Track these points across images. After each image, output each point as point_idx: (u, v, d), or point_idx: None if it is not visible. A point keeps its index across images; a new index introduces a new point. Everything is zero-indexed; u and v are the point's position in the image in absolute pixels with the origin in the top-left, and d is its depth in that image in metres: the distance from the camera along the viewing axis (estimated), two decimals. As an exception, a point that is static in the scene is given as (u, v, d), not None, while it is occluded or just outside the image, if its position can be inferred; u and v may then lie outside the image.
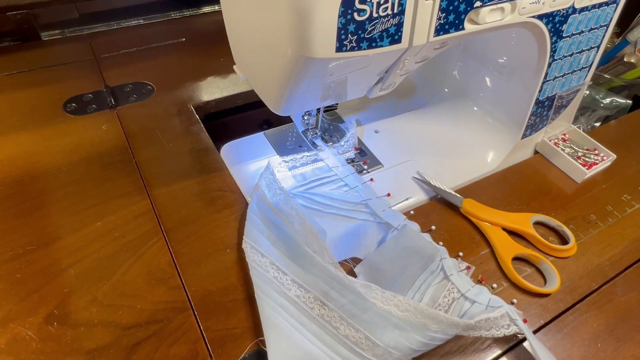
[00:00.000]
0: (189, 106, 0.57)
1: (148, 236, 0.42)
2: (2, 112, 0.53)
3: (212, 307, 0.37)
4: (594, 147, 0.56)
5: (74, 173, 0.47)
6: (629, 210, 0.50)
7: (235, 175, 0.49)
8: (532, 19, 0.39)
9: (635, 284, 0.43)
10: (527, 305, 0.40)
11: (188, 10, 0.77)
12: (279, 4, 0.29)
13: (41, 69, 0.60)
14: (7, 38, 0.66)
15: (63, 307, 0.36)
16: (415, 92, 0.62)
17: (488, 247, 0.45)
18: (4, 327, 0.35)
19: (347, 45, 0.30)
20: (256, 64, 0.39)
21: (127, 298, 0.37)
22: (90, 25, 0.71)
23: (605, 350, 0.38)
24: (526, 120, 0.50)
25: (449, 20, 0.34)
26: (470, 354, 0.37)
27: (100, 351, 0.34)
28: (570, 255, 0.44)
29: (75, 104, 0.55)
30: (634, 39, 0.67)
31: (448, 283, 0.39)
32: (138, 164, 0.49)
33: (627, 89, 0.66)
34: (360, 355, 0.34)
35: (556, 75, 0.48)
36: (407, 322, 0.34)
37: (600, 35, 0.48)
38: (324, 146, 0.52)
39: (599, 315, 0.40)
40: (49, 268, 0.39)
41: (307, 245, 0.37)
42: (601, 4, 0.44)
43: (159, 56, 0.65)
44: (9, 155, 0.48)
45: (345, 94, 0.42)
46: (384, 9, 0.30)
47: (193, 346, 0.35)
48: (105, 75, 0.60)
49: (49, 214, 0.43)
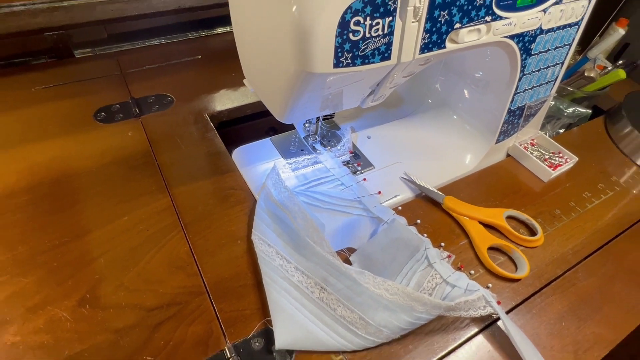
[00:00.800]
0: (205, 115, 0.56)
1: (169, 229, 0.42)
2: (40, 121, 0.53)
3: (225, 291, 0.37)
4: (559, 150, 0.56)
5: (103, 174, 0.47)
6: (589, 206, 0.50)
7: (245, 175, 0.48)
8: (505, 39, 0.39)
9: (595, 270, 0.43)
10: (500, 289, 0.40)
11: (203, 31, 0.76)
12: (283, 26, 0.29)
13: (74, 83, 0.60)
14: (44, 55, 0.66)
15: (94, 292, 0.36)
16: (403, 103, 0.62)
17: (466, 239, 0.44)
18: (42, 309, 0.35)
19: (343, 62, 0.30)
20: (263, 78, 0.38)
21: (150, 283, 0.37)
22: (118, 44, 0.70)
23: (569, 328, 0.38)
24: (499, 127, 0.50)
25: (432, 40, 0.34)
26: (451, 332, 0.37)
27: (127, 330, 0.34)
28: (538, 245, 0.44)
29: (105, 113, 0.55)
30: (593, 57, 0.67)
31: (432, 270, 0.39)
32: (160, 166, 0.48)
33: (587, 100, 0.66)
34: (355, 333, 0.34)
35: (526, 88, 0.48)
36: (396, 304, 0.34)
37: (564, 53, 0.48)
38: (322, 150, 0.52)
39: (563, 297, 0.40)
40: (81, 257, 0.39)
41: (308, 237, 0.37)
42: (565, 26, 0.44)
43: (178, 71, 0.65)
44: (47, 159, 0.48)
45: (341, 105, 0.42)
46: (375, 30, 0.30)
47: (208, 325, 0.35)
48: (130, 88, 0.60)
49: (81, 210, 0.43)
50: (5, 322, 0.34)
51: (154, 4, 0.65)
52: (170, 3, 0.66)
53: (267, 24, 0.32)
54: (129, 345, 0.33)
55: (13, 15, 0.57)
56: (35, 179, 0.45)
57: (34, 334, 0.33)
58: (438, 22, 0.33)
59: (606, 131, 0.63)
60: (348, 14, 0.28)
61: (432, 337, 0.36)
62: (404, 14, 0.30)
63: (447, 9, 0.32)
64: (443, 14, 0.32)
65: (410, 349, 0.35)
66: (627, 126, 0.59)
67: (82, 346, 0.33)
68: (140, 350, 0.33)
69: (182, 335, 0.34)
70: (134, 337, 0.34)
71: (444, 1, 0.32)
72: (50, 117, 0.54)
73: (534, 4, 0.39)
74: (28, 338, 0.33)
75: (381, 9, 0.29)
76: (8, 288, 0.36)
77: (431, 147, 0.55)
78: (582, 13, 0.44)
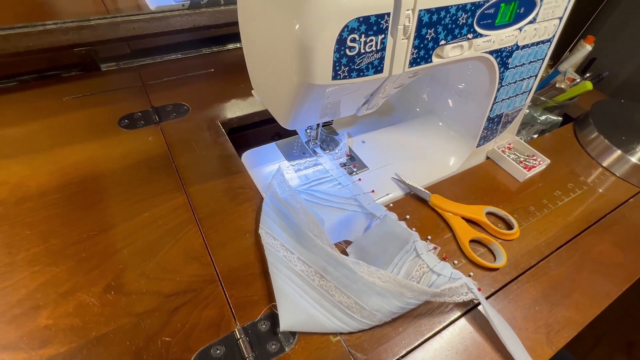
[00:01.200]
0: (217, 122, 0.56)
1: (185, 224, 0.42)
2: (70, 127, 0.53)
3: (235, 279, 0.37)
4: (533, 154, 0.56)
5: (126, 175, 0.47)
6: (560, 203, 0.50)
7: (253, 176, 0.48)
8: (485, 54, 0.39)
9: (565, 260, 0.43)
10: (481, 277, 0.40)
11: (216, 47, 0.76)
12: (287, 42, 0.29)
13: (100, 93, 0.60)
14: (74, 69, 0.66)
15: (118, 280, 0.36)
16: (394, 111, 0.62)
17: (450, 232, 0.45)
18: (72, 295, 0.35)
19: (340, 75, 0.30)
20: (269, 89, 0.39)
21: (168, 272, 0.37)
22: (139, 59, 0.70)
23: (542, 312, 0.38)
24: (480, 133, 0.50)
25: (420, 55, 0.34)
26: (437, 316, 0.37)
27: (147, 314, 0.34)
28: (515, 238, 0.45)
29: (128, 120, 0.55)
30: (563, 70, 0.67)
31: (419, 260, 0.39)
32: (177, 168, 0.48)
33: (558, 109, 0.66)
34: (351, 316, 0.34)
35: (503, 98, 0.48)
36: (387, 291, 0.34)
37: (537, 67, 0.48)
38: (322, 153, 0.52)
39: (537, 285, 0.41)
40: (107, 249, 0.39)
41: (309, 231, 0.37)
42: (538, 43, 0.44)
43: (193, 83, 0.65)
44: (76, 161, 0.48)
45: (339, 112, 0.42)
46: (369, 46, 0.30)
47: (220, 310, 0.35)
48: (151, 98, 0.60)
49: (107, 207, 0.43)
50: (39, 306, 0.34)
51: (172, 23, 0.65)
52: (186, 22, 0.66)
53: (272, 40, 0.32)
54: (149, 327, 0.33)
55: (46, 33, 0.57)
56: (65, 179, 0.46)
57: (64, 317, 0.33)
58: (425, 39, 0.33)
59: (575, 136, 0.63)
60: (345, 32, 0.28)
61: (420, 320, 0.36)
62: (395, 32, 0.30)
63: (433, 28, 0.33)
64: (430, 31, 0.33)
65: (400, 331, 0.35)
66: (594, 132, 0.60)
67: (107, 328, 0.33)
68: (159, 332, 0.33)
69: (196, 319, 0.34)
70: (153, 320, 0.34)
71: (431, 20, 0.32)
72: (79, 124, 0.54)
73: (510, 23, 0.39)
74: (59, 321, 0.33)
75: (374, 28, 0.29)
76: (41, 276, 0.36)
77: (419, 151, 0.55)
78: (553, 31, 0.44)
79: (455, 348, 0.35)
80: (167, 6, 0.65)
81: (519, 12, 0.39)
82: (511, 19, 0.38)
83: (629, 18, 0.85)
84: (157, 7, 0.65)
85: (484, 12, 0.35)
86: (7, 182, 0.45)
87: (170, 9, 0.65)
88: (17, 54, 0.56)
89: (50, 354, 0.31)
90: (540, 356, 0.35)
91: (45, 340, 0.32)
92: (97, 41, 0.61)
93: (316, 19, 0.27)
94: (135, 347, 0.32)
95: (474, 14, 0.35)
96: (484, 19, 0.36)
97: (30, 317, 0.33)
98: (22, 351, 0.31)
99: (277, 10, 0.29)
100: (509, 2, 0.37)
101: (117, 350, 0.32)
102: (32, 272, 0.36)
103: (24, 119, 0.53)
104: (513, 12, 0.38)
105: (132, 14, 0.62)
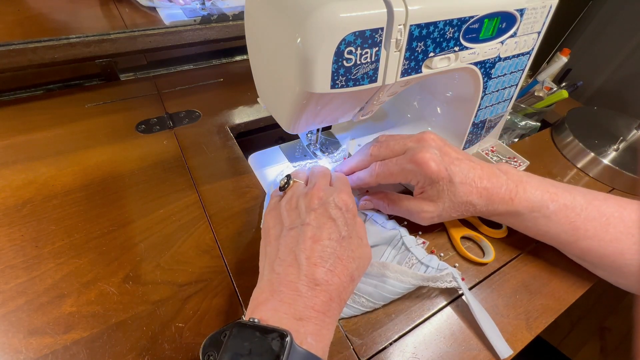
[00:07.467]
0: (226, 127, 0.56)
1: (196, 220, 0.42)
2: (92, 132, 0.53)
3: (242, 270, 0.37)
4: (514, 156, 0.56)
5: (143, 175, 0.47)
6: (538, 201, 0.50)
7: (259, 176, 0.48)
8: (470, 65, 0.39)
9: (543, 253, 0.43)
10: (466, 269, 0.40)
11: (225, 58, 0.77)
12: (289, 55, 0.29)
13: (120, 101, 0.60)
14: (95, 78, 0.66)
15: (136, 271, 0.36)
16: (387, 117, 0.62)
17: (441, 227, 0.44)
18: (94, 284, 0.35)
19: (338, 84, 0.30)
20: (273, 97, 0.38)
21: (181, 264, 0.37)
22: (155, 69, 0.70)
23: (522, 300, 0.38)
24: (465, 137, 0.50)
25: (411, 66, 0.34)
26: (426, 304, 0.37)
27: (162, 302, 0.34)
28: (502, 236, 0.44)
29: (144, 125, 0.55)
30: (542, 79, 0.67)
31: (409, 253, 0.39)
32: (189, 169, 0.48)
33: (537, 115, 0.66)
34: (346, 303, 0.34)
35: (487, 105, 0.48)
36: (379, 278, 0.34)
37: (518, 77, 0.48)
38: (322, 156, 0.52)
39: (518, 275, 0.40)
40: (125, 243, 0.39)
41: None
42: (519, 55, 0.44)
43: (204, 91, 0.65)
44: (97, 162, 0.48)
45: (337, 119, 0.42)
46: (364, 58, 0.30)
47: (229, 298, 0.35)
48: (165, 105, 0.60)
49: (125, 204, 0.43)
50: (64, 295, 0.34)
51: (185, 37, 0.65)
52: (197, 36, 0.66)
53: (276, 53, 0.32)
54: (164, 314, 0.33)
55: (70, 46, 0.57)
56: (88, 179, 0.46)
57: (87, 305, 0.33)
58: (415, 51, 0.33)
59: (552, 140, 0.63)
60: (342, 45, 0.28)
61: (411, 307, 0.36)
62: (388, 45, 0.30)
63: (423, 41, 0.33)
64: (420, 45, 0.33)
65: (392, 317, 0.35)
66: (569, 136, 0.60)
67: (126, 315, 0.33)
68: (173, 318, 0.33)
69: (207, 306, 0.34)
70: (168, 308, 0.34)
71: (421, 34, 0.32)
72: (100, 129, 0.54)
73: (493, 36, 0.39)
74: (82, 308, 0.33)
75: (369, 41, 0.29)
76: (66, 268, 0.36)
77: (410, 153, 0.55)
78: (532, 44, 0.44)
79: (443, 333, 0.35)
80: (180, 21, 0.65)
81: (501, 27, 0.39)
82: (494, 33, 0.38)
83: (601, 33, 0.85)
84: (171, 22, 0.65)
85: (469, 27, 0.35)
86: (34, 181, 0.45)
87: (183, 24, 0.65)
88: (44, 64, 0.56)
89: (74, 338, 0.31)
90: (520, 340, 0.35)
91: (70, 326, 0.32)
92: (117, 53, 0.62)
93: (316, 33, 0.27)
94: (151, 332, 0.32)
95: (460, 29, 0.35)
96: (469, 33, 0.36)
97: (55, 305, 0.33)
98: (48, 336, 0.31)
99: (281, 25, 0.30)
100: (492, 18, 0.37)
101: (134, 335, 0.32)
102: (57, 263, 0.36)
103: (49, 125, 0.53)
104: (496, 27, 0.38)
105: (148, 29, 0.62)
